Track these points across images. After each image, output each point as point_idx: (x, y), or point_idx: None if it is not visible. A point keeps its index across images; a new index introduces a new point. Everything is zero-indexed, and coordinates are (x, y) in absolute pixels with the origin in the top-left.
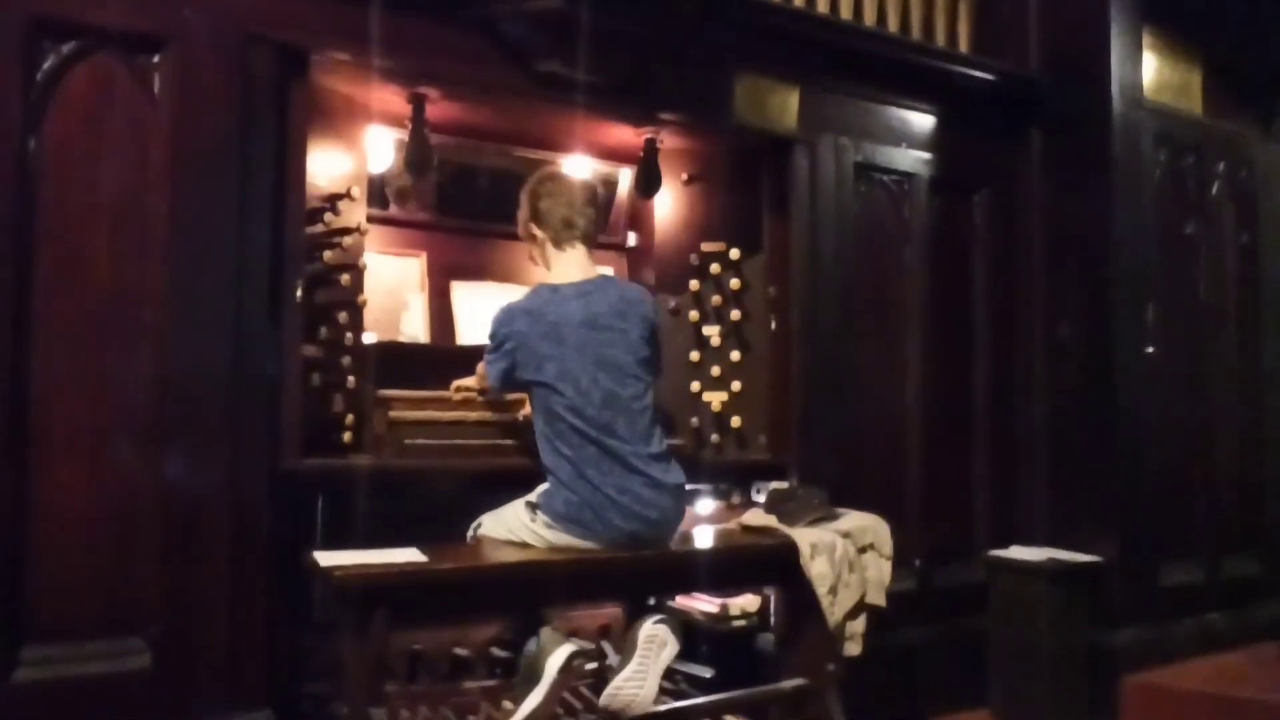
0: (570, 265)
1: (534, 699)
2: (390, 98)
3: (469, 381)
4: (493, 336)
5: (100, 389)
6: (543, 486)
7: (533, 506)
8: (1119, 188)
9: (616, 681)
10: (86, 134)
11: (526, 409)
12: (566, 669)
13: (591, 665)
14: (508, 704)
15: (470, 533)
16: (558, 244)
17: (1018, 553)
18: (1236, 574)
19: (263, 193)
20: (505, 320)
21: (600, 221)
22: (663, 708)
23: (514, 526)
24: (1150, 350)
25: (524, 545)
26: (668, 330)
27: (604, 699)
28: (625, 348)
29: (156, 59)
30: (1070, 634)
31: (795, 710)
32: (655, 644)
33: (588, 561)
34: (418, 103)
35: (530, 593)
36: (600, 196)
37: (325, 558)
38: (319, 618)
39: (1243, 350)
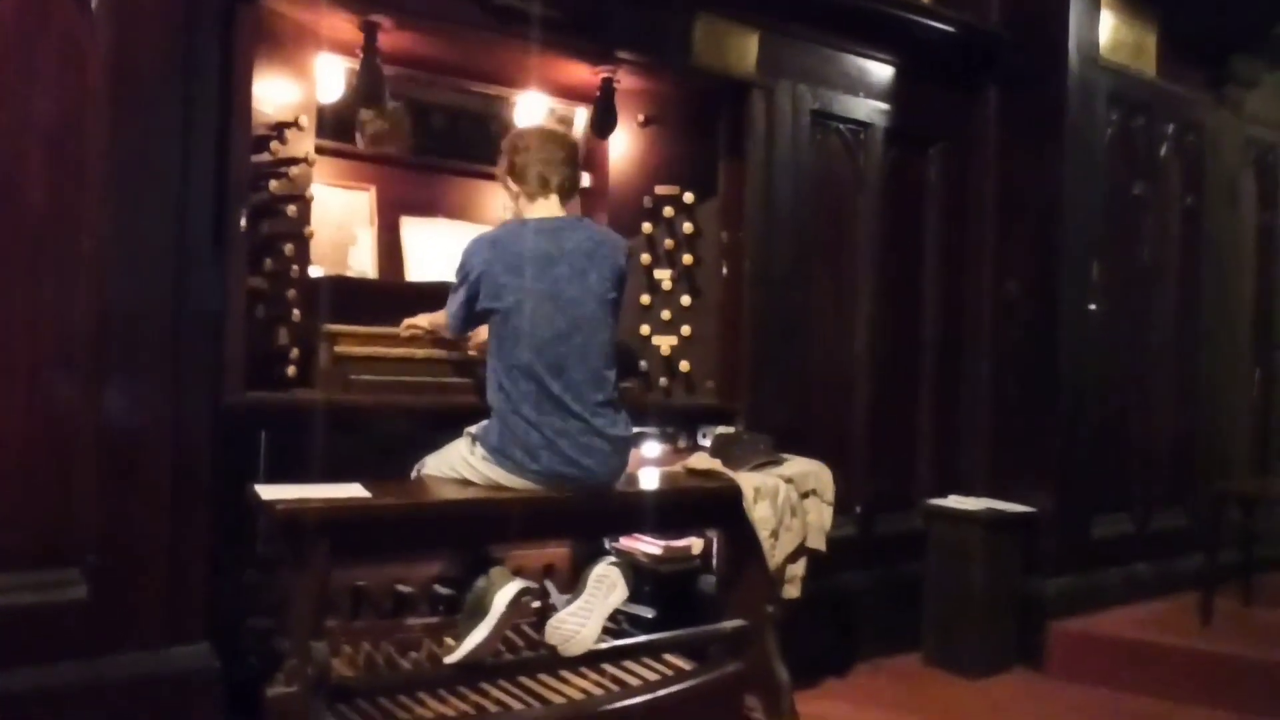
0: (541, 210)
1: (480, 632)
2: (342, 25)
3: (420, 321)
4: (460, 267)
5: (36, 319)
6: (487, 421)
7: (472, 438)
8: (1071, 146)
9: (561, 615)
10: (18, 55)
11: (475, 342)
12: (514, 604)
13: (536, 604)
14: (450, 640)
15: (414, 473)
16: (530, 196)
17: (956, 502)
18: (1165, 526)
19: (207, 119)
20: (471, 250)
21: (578, 178)
22: (604, 645)
23: (454, 461)
24: (1093, 307)
25: (465, 482)
26: None
27: (546, 631)
28: (585, 288)
29: None
30: (1003, 582)
31: (734, 650)
32: (605, 585)
33: (532, 500)
34: (369, 31)
35: (473, 530)
36: (581, 151)
37: (267, 491)
38: (261, 553)
39: (1181, 310)
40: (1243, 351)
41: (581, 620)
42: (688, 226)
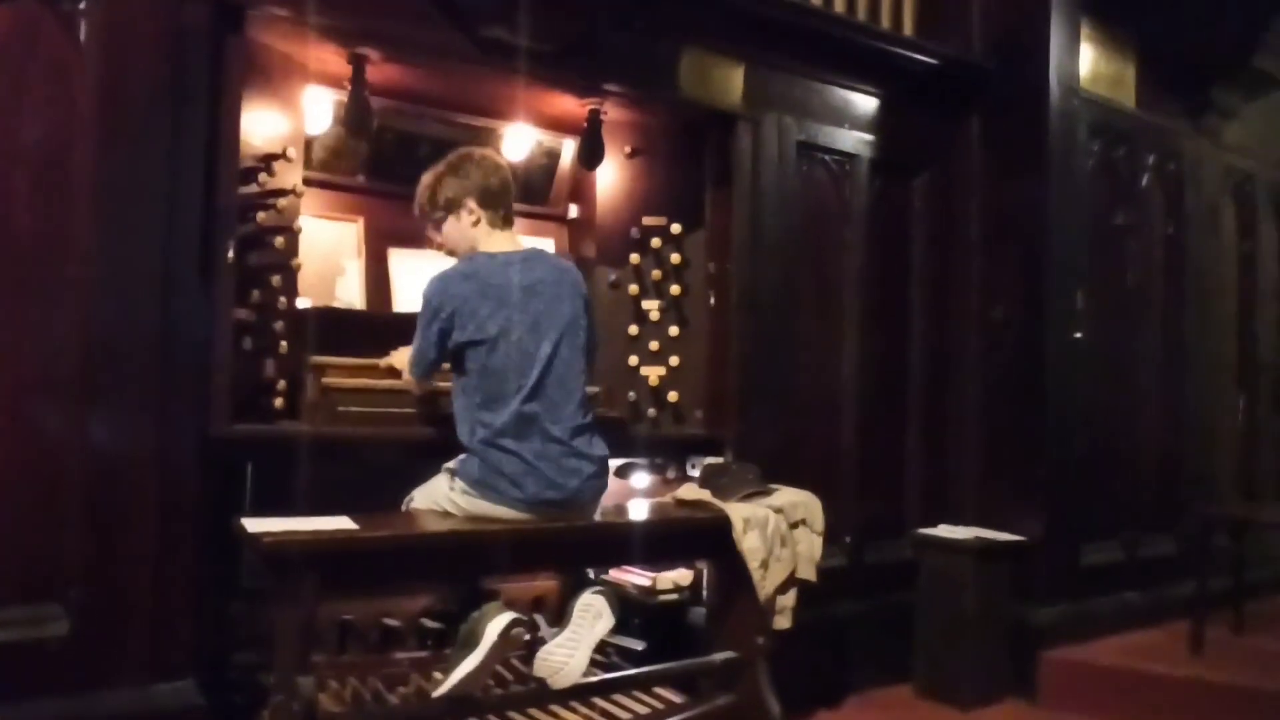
0: (502, 242)
1: (470, 662)
2: (330, 58)
3: (396, 362)
4: (425, 304)
5: (20, 346)
6: (463, 455)
7: (451, 473)
8: (1054, 175)
9: (548, 647)
10: (6, 81)
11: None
12: (505, 635)
13: (527, 636)
14: (438, 674)
15: (404, 506)
16: (492, 224)
17: (946, 531)
18: (1153, 554)
19: (194, 149)
20: (440, 287)
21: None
22: (594, 679)
23: (437, 496)
24: (1079, 335)
25: (446, 514)
26: (607, 304)
27: (534, 664)
28: (562, 316)
29: (83, 5)
30: (994, 611)
31: (725, 682)
32: (590, 614)
33: (519, 531)
34: (358, 64)
35: (462, 563)
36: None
37: (254, 524)
38: (247, 586)
39: (1166, 337)
40: (1227, 377)
41: (570, 651)
42: (675, 257)
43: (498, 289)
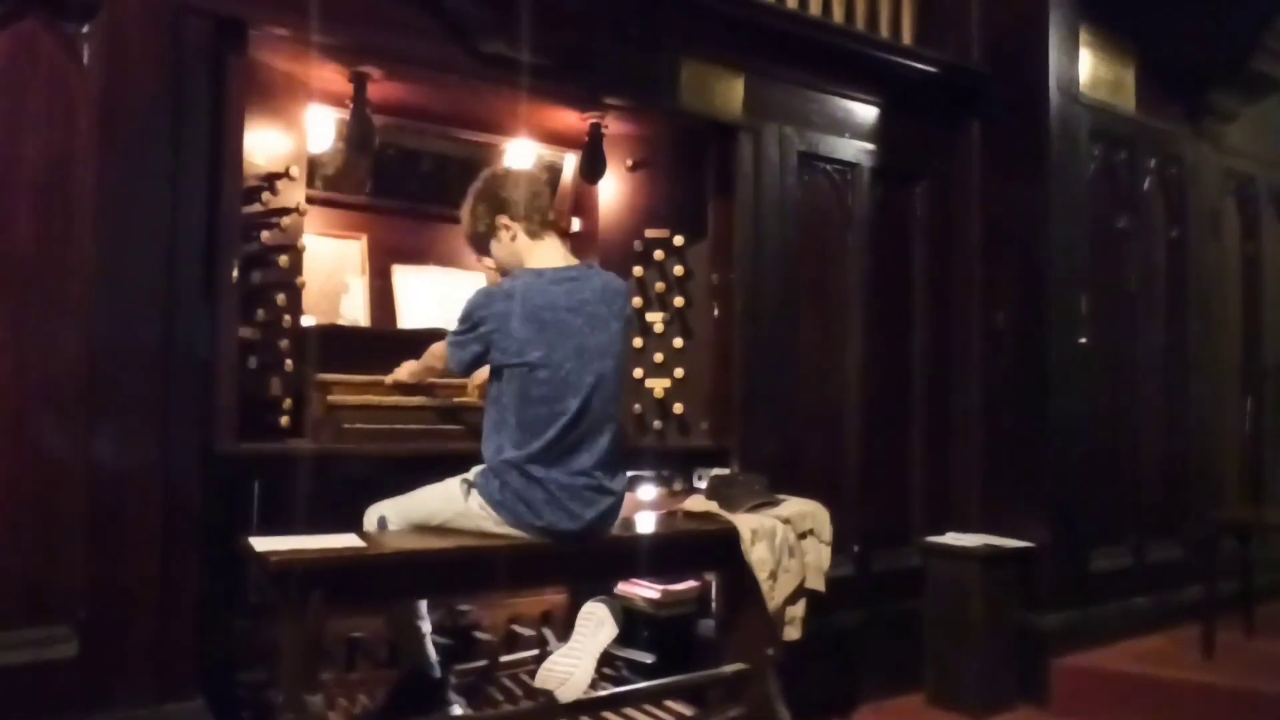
0: (549, 253)
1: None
2: (331, 76)
3: (401, 375)
4: (465, 317)
5: (23, 364)
6: (480, 467)
7: (469, 484)
8: (1055, 181)
9: (553, 658)
10: (7, 99)
11: (475, 384)
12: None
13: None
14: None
15: (374, 524)
16: (532, 234)
17: (953, 538)
18: (1161, 559)
19: (197, 168)
20: (483, 303)
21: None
22: (604, 692)
23: (453, 504)
24: (1083, 340)
25: (447, 529)
26: None
27: (539, 677)
28: (608, 338)
29: (86, 28)
30: (1002, 618)
31: (735, 694)
32: (592, 622)
33: (528, 547)
34: (359, 81)
35: (468, 578)
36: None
37: (260, 543)
38: (254, 604)
39: (1169, 341)
40: (1231, 380)
41: (574, 661)
42: (678, 269)
43: (540, 311)
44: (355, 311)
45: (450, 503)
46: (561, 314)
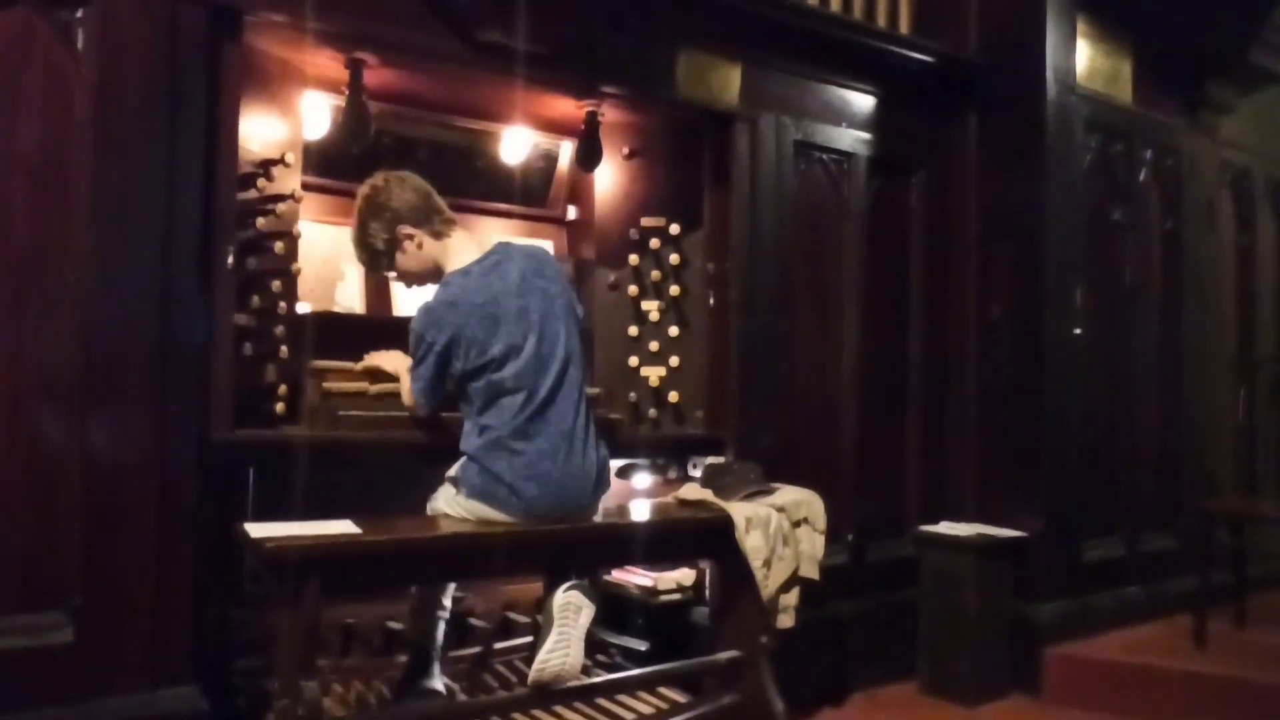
0: (462, 249)
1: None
2: (328, 63)
3: (384, 364)
4: (419, 339)
5: (19, 352)
6: (461, 460)
7: (454, 482)
8: (1051, 172)
9: (541, 654)
10: (4, 88)
11: None
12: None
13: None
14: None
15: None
16: (438, 235)
17: (947, 528)
18: (1154, 549)
19: (193, 155)
20: (428, 320)
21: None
22: (598, 679)
23: (443, 508)
24: (1078, 332)
25: (449, 518)
26: (607, 305)
27: (532, 674)
28: (558, 308)
29: (80, 13)
30: (996, 607)
31: (729, 682)
32: (571, 610)
33: (521, 534)
34: (355, 68)
35: (463, 565)
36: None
37: (256, 529)
38: (249, 592)
39: (1164, 333)
40: (1225, 371)
41: (564, 653)
42: (674, 258)
43: (487, 307)
44: (351, 299)
45: (446, 502)
46: (509, 301)
